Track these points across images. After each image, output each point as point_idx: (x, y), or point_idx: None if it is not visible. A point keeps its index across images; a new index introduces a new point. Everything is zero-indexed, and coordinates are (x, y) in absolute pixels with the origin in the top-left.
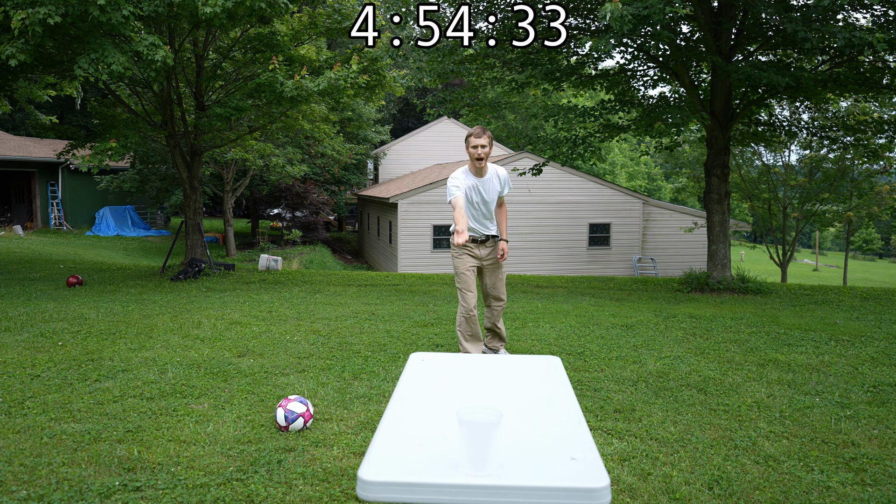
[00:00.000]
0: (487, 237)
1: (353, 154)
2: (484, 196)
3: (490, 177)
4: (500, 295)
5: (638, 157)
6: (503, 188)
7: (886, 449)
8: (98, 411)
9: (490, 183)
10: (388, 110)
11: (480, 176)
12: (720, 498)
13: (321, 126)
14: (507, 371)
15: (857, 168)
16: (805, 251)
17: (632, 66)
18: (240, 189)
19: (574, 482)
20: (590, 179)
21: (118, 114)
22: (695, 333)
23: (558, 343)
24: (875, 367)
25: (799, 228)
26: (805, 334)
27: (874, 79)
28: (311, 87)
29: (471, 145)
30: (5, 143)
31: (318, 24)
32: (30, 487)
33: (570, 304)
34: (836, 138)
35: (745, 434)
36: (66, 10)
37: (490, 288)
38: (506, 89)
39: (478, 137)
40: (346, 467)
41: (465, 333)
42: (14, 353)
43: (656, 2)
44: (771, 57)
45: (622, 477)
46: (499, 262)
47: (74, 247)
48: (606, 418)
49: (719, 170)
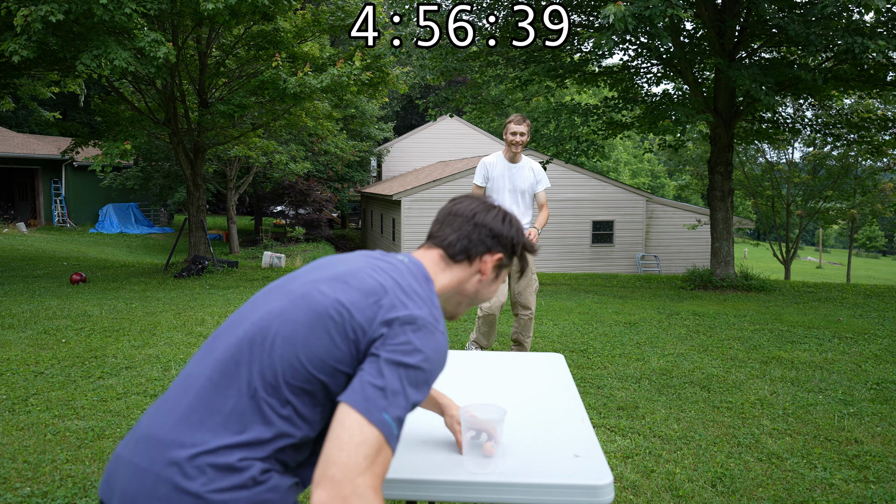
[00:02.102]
0: None
1: (357, 151)
2: (515, 183)
3: (522, 166)
4: (527, 303)
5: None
6: (538, 183)
7: (889, 446)
8: (101, 408)
9: (521, 171)
10: (391, 107)
11: (514, 162)
12: (723, 495)
13: (324, 123)
14: (511, 368)
15: (861, 165)
16: (808, 248)
17: (635, 63)
18: (243, 186)
19: (577, 479)
20: (593, 177)
21: (121, 111)
22: (698, 331)
23: (561, 340)
24: (878, 365)
25: (802, 226)
26: (808, 332)
27: (878, 76)
28: (314, 83)
29: (509, 131)
30: (9, 140)
31: (322, 21)
32: (33, 484)
33: (573, 302)
34: (839, 135)
35: (748, 431)
36: (69, 7)
37: (517, 294)
38: (509, 87)
39: (517, 124)
40: None
41: (481, 328)
42: (18, 350)
43: (658, 3)
44: (775, 54)
45: (625, 474)
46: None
47: (78, 244)
48: (609, 415)
49: (723, 167)
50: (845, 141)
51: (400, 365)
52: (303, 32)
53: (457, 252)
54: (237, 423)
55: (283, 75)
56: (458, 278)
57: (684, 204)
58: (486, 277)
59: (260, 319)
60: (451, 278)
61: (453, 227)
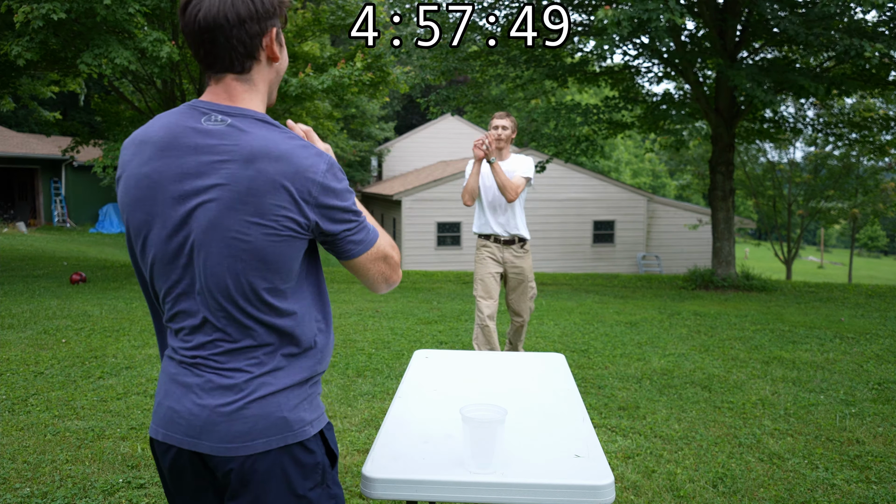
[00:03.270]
0: (513, 238)
1: (357, 151)
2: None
3: (509, 162)
4: (519, 310)
5: (642, 154)
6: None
7: (891, 446)
8: (101, 408)
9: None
10: (391, 107)
11: (500, 160)
12: (724, 495)
13: (325, 123)
14: (512, 368)
15: (863, 165)
16: (810, 248)
17: (636, 62)
18: None
19: (578, 479)
20: (594, 176)
21: (122, 110)
22: (699, 331)
23: (562, 340)
24: (880, 365)
25: (804, 226)
26: (810, 332)
27: (880, 76)
28: (315, 84)
29: (491, 125)
30: (9, 139)
31: (322, 20)
32: (33, 484)
33: (574, 302)
34: (841, 135)
35: (749, 431)
36: (71, 6)
37: (512, 301)
38: (510, 86)
39: (499, 119)
40: (350, 464)
41: (481, 346)
42: (18, 351)
43: (656, 6)
44: (776, 54)
45: (626, 474)
46: (524, 274)
47: (78, 244)
48: (611, 415)
49: (724, 167)
50: (847, 140)
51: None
52: (303, 32)
53: (243, 62)
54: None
55: (284, 76)
56: (264, 83)
57: (685, 204)
58: (278, 58)
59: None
60: (259, 90)
61: (217, 45)
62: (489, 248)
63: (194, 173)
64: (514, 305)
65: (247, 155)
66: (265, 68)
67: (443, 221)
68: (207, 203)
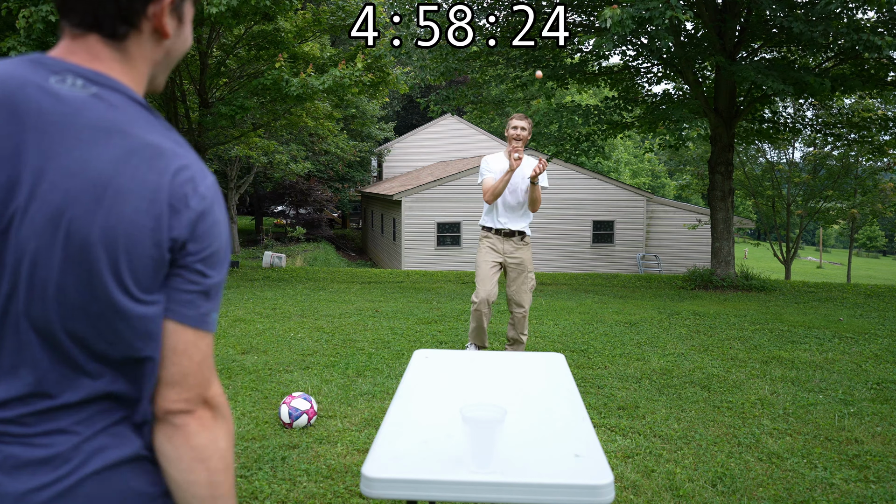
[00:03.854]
0: (514, 232)
1: (357, 151)
2: (514, 181)
3: (523, 164)
4: (520, 301)
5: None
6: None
7: (890, 446)
8: None
9: (521, 169)
10: (391, 107)
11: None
12: (723, 495)
13: (325, 123)
14: (511, 368)
15: (861, 165)
16: (809, 248)
17: (636, 62)
18: (244, 186)
19: (578, 479)
20: (593, 176)
21: None
22: (698, 331)
23: (562, 340)
24: (879, 365)
25: (803, 226)
26: (809, 331)
27: (879, 76)
28: (316, 85)
29: (510, 126)
30: None
31: (322, 21)
32: None
33: (573, 302)
34: (840, 135)
35: (748, 431)
36: None
37: (513, 292)
38: (510, 87)
39: (519, 120)
40: (349, 464)
41: (471, 329)
42: None
43: (657, 5)
44: (775, 54)
45: (626, 474)
46: (523, 265)
47: None
48: (610, 415)
49: (723, 167)
50: (846, 141)
51: None
52: (303, 32)
53: (114, 24)
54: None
55: (285, 76)
56: (144, 61)
57: (685, 204)
58: (168, 35)
59: None
60: (137, 68)
61: None
62: (490, 239)
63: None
64: (515, 296)
65: None
66: (149, 43)
67: (443, 221)
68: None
